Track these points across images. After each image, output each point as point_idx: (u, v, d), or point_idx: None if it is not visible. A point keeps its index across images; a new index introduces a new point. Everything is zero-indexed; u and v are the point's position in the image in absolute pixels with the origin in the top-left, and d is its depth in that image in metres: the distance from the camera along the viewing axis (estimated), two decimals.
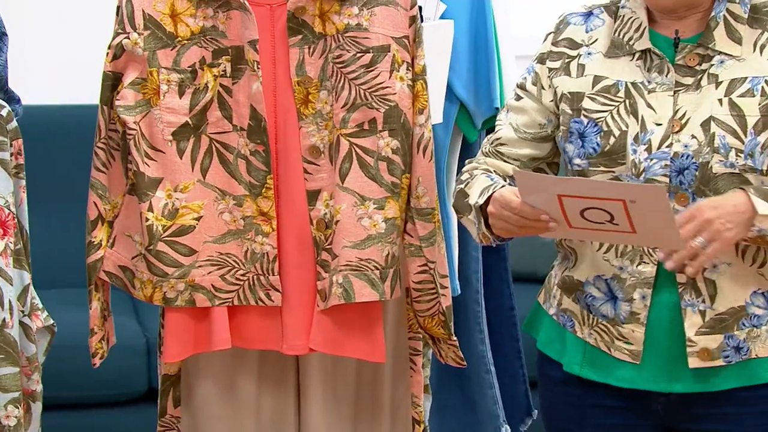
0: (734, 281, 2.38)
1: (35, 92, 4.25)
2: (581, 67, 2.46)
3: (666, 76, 2.39)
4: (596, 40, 2.47)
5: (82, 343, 2.91)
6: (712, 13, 2.39)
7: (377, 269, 2.68)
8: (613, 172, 2.40)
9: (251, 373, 2.82)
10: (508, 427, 3.62)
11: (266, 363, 2.82)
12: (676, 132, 2.36)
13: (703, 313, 2.38)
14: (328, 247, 2.70)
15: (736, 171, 2.34)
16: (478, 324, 3.58)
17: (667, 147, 2.36)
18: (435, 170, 2.78)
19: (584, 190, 2.24)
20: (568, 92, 2.46)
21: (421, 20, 2.76)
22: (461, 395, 3.63)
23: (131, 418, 3.96)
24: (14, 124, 2.59)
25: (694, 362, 2.39)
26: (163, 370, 2.85)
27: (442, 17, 3.27)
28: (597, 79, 2.44)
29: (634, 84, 2.41)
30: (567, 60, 2.48)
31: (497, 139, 2.55)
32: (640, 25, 2.43)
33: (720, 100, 2.36)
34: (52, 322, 2.68)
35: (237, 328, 2.74)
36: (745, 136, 2.34)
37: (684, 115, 2.37)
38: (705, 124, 2.35)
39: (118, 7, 2.70)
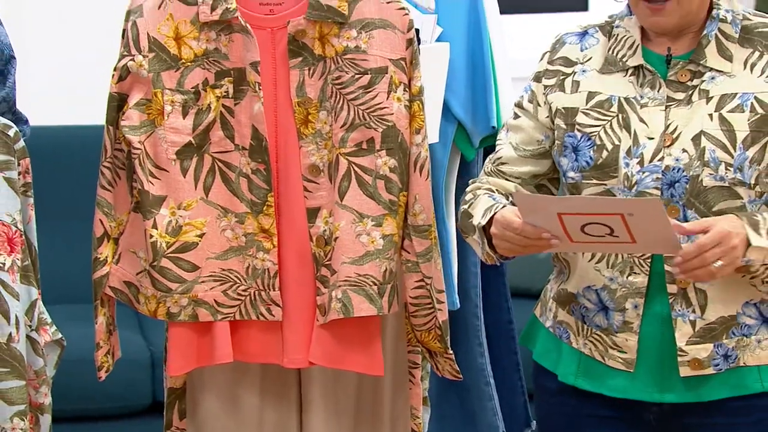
0: (725, 292, 2.39)
1: (43, 113, 4.27)
2: (576, 84, 2.48)
3: (658, 91, 2.41)
4: (591, 58, 2.49)
5: (88, 357, 2.92)
6: (705, 32, 2.41)
7: (375, 285, 2.70)
8: (605, 185, 2.42)
9: (254, 387, 2.83)
10: None
11: (269, 377, 2.83)
12: (668, 146, 2.38)
13: (693, 323, 2.39)
14: (327, 263, 2.72)
15: (726, 184, 2.36)
16: (477, 337, 3.58)
17: (658, 160, 2.38)
18: (433, 188, 2.79)
19: (583, 208, 2.27)
20: (563, 107, 2.47)
21: (418, 43, 2.77)
22: (461, 407, 3.63)
23: (136, 430, 3.96)
24: (21, 143, 2.60)
25: (685, 371, 2.40)
26: (169, 383, 2.85)
27: (438, 40, 3.29)
28: (591, 95, 2.46)
29: (626, 99, 2.43)
30: (562, 77, 2.50)
31: (498, 158, 2.57)
32: (634, 42, 2.45)
33: (710, 115, 2.37)
34: (60, 336, 2.68)
35: (239, 343, 2.75)
36: (735, 151, 2.35)
37: (675, 129, 2.38)
38: (696, 139, 2.37)
39: (124, 30, 2.71)
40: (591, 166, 2.43)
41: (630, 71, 2.44)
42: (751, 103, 2.37)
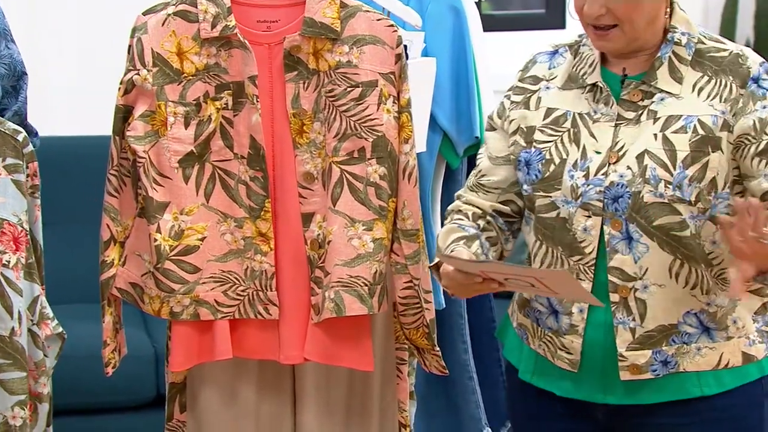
0: (665, 301, 2.37)
1: (54, 124, 4.28)
2: (539, 100, 2.47)
3: (610, 107, 2.39)
4: (556, 76, 2.48)
5: (95, 354, 2.92)
6: (658, 54, 2.38)
7: (366, 285, 2.69)
8: (551, 197, 2.40)
9: (251, 382, 2.81)
10: (489, 430, 3.62)
11: (264, 372, 2.81)
12: (614, 163, 2.36)
13: (633, 330, 2.38)
14: (321, 265, 2.71)
15: (665, 201, 2.33)
16: (462, 335, 3.58)
17: (602, 175, 2.36)
18: (420, 195, 2.78)
19: (501, 270, 2.30)
20: (525, 126, 2.46)
21: (407, 57, 2.76)
22: (446, 400, 3.63)
23: (140, 423, 3.95)
24: (30, 147, 2.60)
25: (625, 375, 2.39)
26: (170, 378, 2.85)
27: (424, 55, 3.28)
28: (549, 111, 2.44)
29: (580, 114, 2.41)
30: (528, 95, 2.49)
31: (479, 171, 2.56)
32: (594, 61, 2.43)
33: (655, 135, 2.35)
34: (61, 330, 2.68)
35: (238, 340, 2.74)
36: (674, 170, 2.33)
37: (622, 147, 2.36)
38: (639, 157, 2.34)
39: (130, 46, 2.71)
40: (539, 179, 2.42)
41: (587, 88, 2.42)
42: (695, 125, 2.34)
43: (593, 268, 2.38)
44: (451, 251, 2.42)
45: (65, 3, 4.57)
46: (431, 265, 2.46)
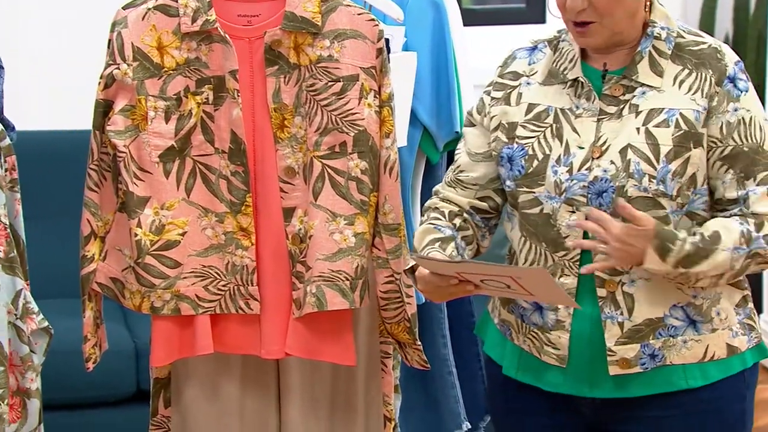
0: (652, 295, 2.37)
1: (34, 119, 4.26)
2: (519, 96, 2.47)
3: (592, 103, 2.39)
4: (536, 71, 2.47)
5: (76, 349, 2.90)
6: (639, 48, 2.38)
7: (347, 280, 2.68)
8: (534, 192, 2.40)
9: (235, 377, 2.81)
10: (468, 424, 3.62)
11: (249, 367, 2.81)
12: (597, 158, 2.36)
13: (621, 325, 2.38)
14: (302, 259, 2.70)
15: (650, 195, 2.34)
16: (441, 330, 3.58)
17: (586, 170, 2.36)
18: (400, 189, 2.78)
19: (476, 270, 2.29)
20: (506, 122, 2.46)
21: (388, 52, 2.76)
22: (425, 395, 3.62)
23: (121, 417, 3.94)
24: (7, 141, 2.58)
25: (614, 370, 2.39)
26: (155, 373, 2.84)
27: (405, 50, 3.28)
28: (531, 107, 2.44)
29: (562, 110, 2.41)
30: (509, 91, 2.48)
31: (457, 167, 2.55)
32: (574, 56, 2.43)
33: (638, 129, 2.35)
34: (47, 324, 2.66)
35: (219, 335, 2.73)
36: (658, 164, 2.33)
37: (605, 142, 2.36)
38: (623, 151, 2.35)
39: (110, 41, 2.69)
40: (522, 175, 2.42)
41: (569, 83, 2.42)
42: (676, 118, 2.35)
43: (578, 263, 2.38)
44: (426, 254, 2.42)
45: None
46: (406, 268, 2.46)
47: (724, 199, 2.38)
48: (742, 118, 2.36)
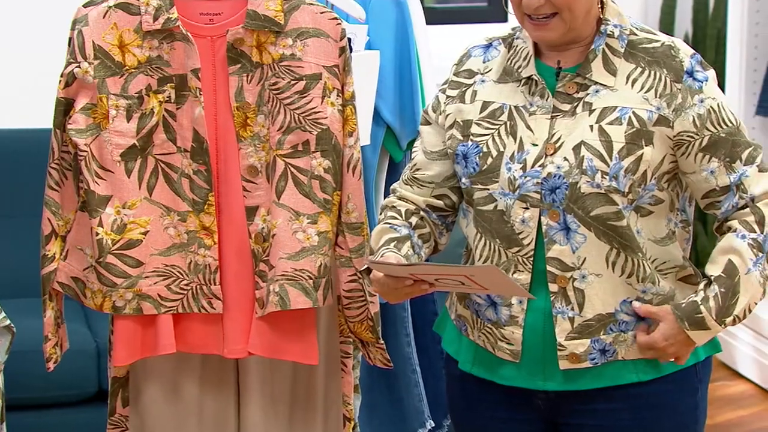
0: (603, 290, 2.38)
1: None
2: (474, 94, 2.47)
3: (546, 100, 2.39)
4: (491, 69, 2.47)
5: (37, 349, 2.88)
6: (592, 47, 2.39)
7: (311, 279, 2.67)
8: (488, 189, 2.41)
9: (194, 376, 2.80)
10: (432, 422, 3.62)
11: (208, 366, 2.79)
12: (551, 154, 2.36)
13: (572, 320, 2.39)
14: (265, 258, 2.69)
15: (602, 191, 2.34)
16: (405, 328, 3.58)
17: (539, 167, 2.36)
18: (364, 187, 2.78)
19: (430, 271, 2.30)
20: (461, 120, 2.46)
21: (351, 51, 2.75)
22: (389, 393, 3.62)
23: (82, 417, 3.92)
24: None
25: (564, 364, 2.40)
26: (113, 372, 2.82)
27: (368, 48, 3.27)
28: (485, 105, 2.44)
29: (516, 107, 2.41)
30: (464, 89, 2.48)
31: (414, 164, 2.55)
32: (528, 54, 2.43)
33: (591, 126, 2.35)
34: (9, 323, 2.64)
35: (181, 334, 2.72)
36: (611, 160, 2.34)
37: (559, 139, 2.37)
38: (576, 148, 2.35)
39: (70, 39, 2.67)
40: (477, 172, 2.42)
41: (523, 81, 2.43)
42: (629, 116, 2.35)
43: (532, 259, 2.39)
44: (381, 256, 2.42)
45: None
46: (362, 270, 2.46)
47: (717, 189, 2.38)
48: (711, 107, 2.36)
